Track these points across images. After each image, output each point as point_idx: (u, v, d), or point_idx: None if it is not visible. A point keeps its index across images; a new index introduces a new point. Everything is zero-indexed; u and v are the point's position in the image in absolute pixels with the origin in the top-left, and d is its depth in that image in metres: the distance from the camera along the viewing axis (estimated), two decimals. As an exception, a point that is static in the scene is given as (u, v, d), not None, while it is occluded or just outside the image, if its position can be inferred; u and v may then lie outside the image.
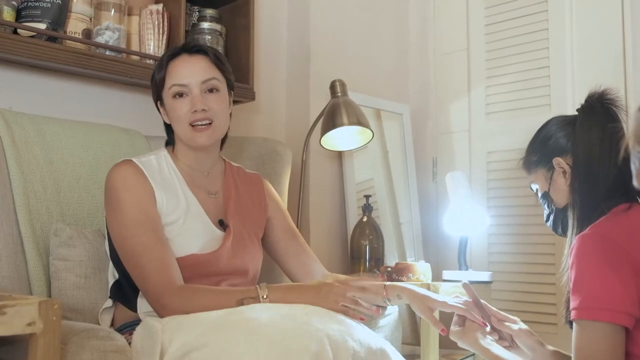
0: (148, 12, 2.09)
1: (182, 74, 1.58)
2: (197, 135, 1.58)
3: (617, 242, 1.30)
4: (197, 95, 1.57)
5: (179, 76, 1.58)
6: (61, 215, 1.69)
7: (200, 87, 1.58)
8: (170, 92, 1.59)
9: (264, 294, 1.42)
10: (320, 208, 2.55)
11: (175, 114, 1.59)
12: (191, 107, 1.57)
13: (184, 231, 1.55)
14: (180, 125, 1.59)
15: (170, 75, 1.59)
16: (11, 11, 1.82)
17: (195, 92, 1.58)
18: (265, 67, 2.57)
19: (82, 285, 1.62)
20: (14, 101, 1.87)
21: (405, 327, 2.54)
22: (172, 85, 1.58)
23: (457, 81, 2.91)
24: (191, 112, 1.57)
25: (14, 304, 1.03)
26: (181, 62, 1.60)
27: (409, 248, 2.76)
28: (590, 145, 1.45)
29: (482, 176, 2.78)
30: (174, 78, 1.58)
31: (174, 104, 1.58)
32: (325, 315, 1.35)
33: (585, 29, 2.54)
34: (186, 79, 1.58)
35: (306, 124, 2.51)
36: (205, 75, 1.59)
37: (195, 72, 1.58)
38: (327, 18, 2.66)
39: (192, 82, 1.57)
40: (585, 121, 1.48)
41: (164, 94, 1.61)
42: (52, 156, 1.72)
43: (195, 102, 1.56)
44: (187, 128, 1.58)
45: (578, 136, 1.48)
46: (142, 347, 1.30)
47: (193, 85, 1.58)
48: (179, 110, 1.58)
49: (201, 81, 1.58)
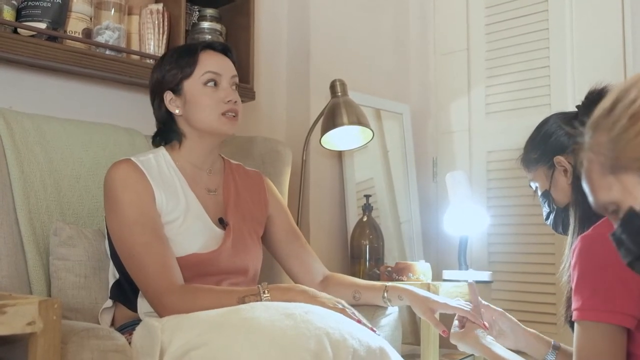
0: (148, 11, 2.09)
1: (215, 65, 1.62)
2: (228, 123, 1.60)
3: None
4: (228, 87, 1.62)
5: (213, 65, 1.61)
6: (61, 214, 1.69)
7: (229, 81, 1.63)
8: (202, 79, 1.60)
9: (265, 292, 1.42)
10: (321, 208, 2.55)
11: (204, 102, 1.59)
12: (224, 97, 1.60)
13: (184, 230, 1.55)
14: (207, 113, 1.59)
15: (202, 63, 1.61)
16: (11, 10, 1.82)
17: (226, 84, 1.62)
18: (265, 67, 2.57)
19: (82, 284, 1.62)
20: (14, 100, 1.87)
21: (406, 326, 2.54)
22: (206, 72, 1.60)
23: (457, 81, 2.91)
24: (224, 102, 1.59)
25: (14, 304, 1.03)
26: (212, 55, 1.64)
27: (409, 248, 2.76)
28: None
29: (482, 176, 2.78)
30: (209, 66, 1.61)
31: (205, 90, 1.60)
32: (324, 314, 1.35)
33: (586, 29, 2.54)
34: (220, 69, 1.62)
35: (306, 124, 2.51)
36: (233, 71, 1.66)
37: (227, 66, 1.64)
38: (327, 17, 2.66)
39: (225, 74, 1.62)
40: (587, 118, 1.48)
41: (187, 83, 1.60)
42: (52, 155, 1.72)
43: (229, 93, 1.61)
44: (217, 116, 1.59)
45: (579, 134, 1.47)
46: (142, 346, 1.30)
47: (225, 77, 1.62)
48: (209, 99, 1.59)
49: (231, 75, 1.64)
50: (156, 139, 1.69)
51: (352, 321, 1.38)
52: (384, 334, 1.66)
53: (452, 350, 2.35)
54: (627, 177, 0.87)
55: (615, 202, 0.90)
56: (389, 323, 1.72)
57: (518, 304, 2.57)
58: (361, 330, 1.35)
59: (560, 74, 2.57)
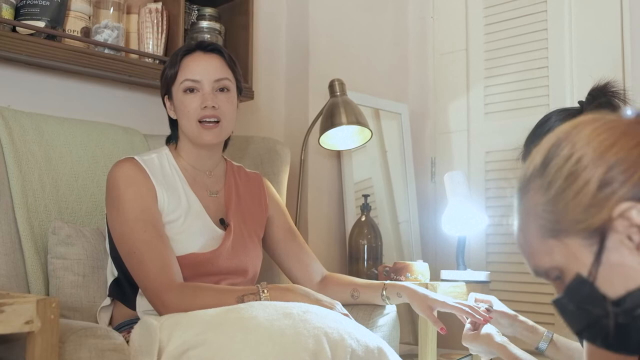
0: (147, 10, 2.09)
1: (195, 70, 1.59)
2: (205, 132, 1.58)
3: None
4: (209, 92, 1.58)
5: (192, 72, 1.59)
6: (59, 213, 1.69)
7: (212, 85, 1.59)
8: (181, 87, 1.59)
9: (264, 291, 1.43)
10: (319, 207, 2.55)
11: (184, 109, 1.58)
12: (201, 103, 1.57)
13: (185, 230, 1.55)
14: (187, 120, 1.59)
15: (183, 70, 1.59)
16: (10, 9, 1.82)
17: (207, 89, 1.58)
18: (264, 66, 2.57)
19: (80, 283, 1.62)
20: (13, 99, 1.87)
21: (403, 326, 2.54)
22: (184, 80, 1.58)
23: (456, 81, 2.91)
24: (201, 108, 1.57)
25: (12, 302, 1.03)
26: (196, 58, 1.61)
27: (407, 248, 2.76)
28: None
29: (481, 176, 2.78)
30: (187, 73, 1.59)
31: (184, 98, 1.58)
32: (323, 313, 1.35)
33: (584, 29, 2.54)
34: (199, 75, 1.58)
35: (305, 123, 2.51)
36: (218, 74, 1.60)
37: (209, 69, 1.59)
38: (326, 17, 2.66)
39: (204, 78, 1.58)
40: None
41: (174, 89, 1.61)
42: (51, 154, 1.72)
43: (206, 99, 1.57)
44: (195, 124, 1.58)
45: None
46: (140, 345, 1.30)
47: (205, 82, 1.58)
48: (188, 105, 1.58)
49: (214, 79, 1.59)
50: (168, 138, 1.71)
51: (351, 321, 1.38)
52: (382, 334, 1.66)
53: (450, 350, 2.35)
54: (570, 241, 0.79)
55: (558, 268, 0.82)
56: (387, 323, 1.72)
57: (516, 304, 2.55)
58: (360, 330, 1.35)
59: (559, 75, 2.58)
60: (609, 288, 0.78)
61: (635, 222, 0.75)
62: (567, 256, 0.80)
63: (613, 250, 0.77)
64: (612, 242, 0.77)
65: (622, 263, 0.77)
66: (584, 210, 0.78)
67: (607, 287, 0.78)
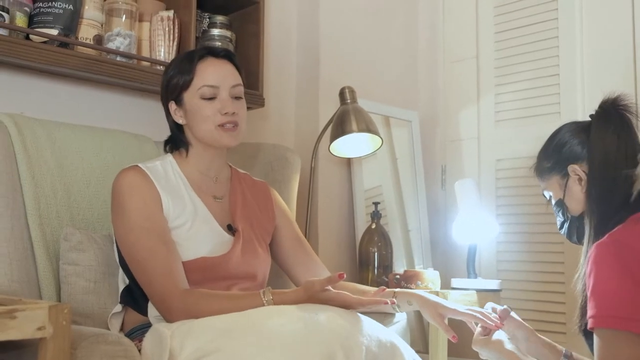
0: (159, 18, 2.10)
1: (213, 76, 1.60)
2: (225, 135, 1.59)
3: (636, 249, 1.29)
4: (227, 98, 1.60)
5: (210, 78, 1.59)
6: (71, 219, 1.70)
7: (229, 92, 1.60)
8: (198, 93, 1.59)
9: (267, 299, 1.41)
10: (329, 215, 2.55)
11: (202, 115, 1.59)
12: (221, 109, 1.58)
13: (192, 234, 1.56)
14: (206, 125, 1.59)
15: (199, 76, 1.60)
16: (23, 17, 1.83)
17: (224, 95, 1.60)
18: (274, 74, 2.57)
19: (91, 289, 1.62)
20: (26, 106, 1.88)
21: (414, 334, 2.53)
22: (202, 86, 1.59)
23: (466, 88, 2.90)
24: (221, 114, 1.58)
25: (24, 309, 1.03)
26: (211, 64, 1.61)
27: (418, 255, 2.76)
28: (606, 151, 1.44)
29: (491, 184, 2.77)
30: (205, 79, 1.59)
31: (202, 104, 1.59)
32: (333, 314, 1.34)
33: (596, 37, 2.53)
34: (217, 81, 1.60)
35: (315, 131, 2.51)
36: (234, 80, 1.62)
37: (226, 75, 1.61)
38: (336, 25, 2.67)
39: (223, 85, 1.60)
40: (601, 127, 1.47)
41: (186, 95, 1.61)
42: (63, 161, 1.73)
43: (226, 105, 1.59)
44: (214, 128, 1.59)
45: (593, 143, 1.46)
46: (152, 353, 1.30)
47: (223, 88, 1.60)
48: (207, 110, 1.58)
49: (230, 85, 1.61)
50: (167, 145, 1.70)
51: (361, 317, 1.37)
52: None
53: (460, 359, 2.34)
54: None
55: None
56: (398, 330, 1.71)
57: (527, 313, 2.55)
58: (371, 325, 1.35)
59: (570, 82, 2.57)
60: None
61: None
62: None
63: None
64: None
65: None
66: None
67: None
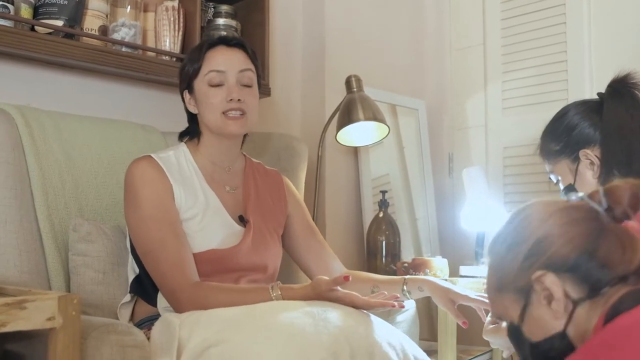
0: (164, 8, 2.10)
1: (219, 61, 1.59)
2: (230, 123, 1.58)
3: None
4: (234, 85, 1.58)
5: (216, 63, 1.59)
6: (79, 210, 1.70)
7: (236, 77, 1.59)
8: (206, 79, 1.59)
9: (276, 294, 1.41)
10: (336, 204, 2.54)
11: (208, 101, 1.58)
12: (227, 96, 1.57)
13: (203, 226, 1.56)
14: (212, 113, 1.58)
15: (207, 63, 1.59)
16: (29, 8, 1.83)
17: (232, 81, 1.58)
18: (280, 63, 2.57)
19: (100, 280, 1.63)
20: (32, 98, 1.89)
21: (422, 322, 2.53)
22: (209, 72, 1.58)
23: (473, 76, 2.89)
24: (226, 101, 1.57)
25: (34, 299, 1.04)
26: (219, 51, 1.61)
27: (425, 244, 2.75)
28: (620, 125, 1.39)
29: (499, 171, 2.76)
30: (212, 65, 1.59)
31: (209, 91, 1.58)
32: (342, 311, 1.34)
33: (604, 22, 2.51)
34: (223, 66, 1.59)
35: (322, 120, 2.51)
36: (242, 65, 1.61)
37: (233, 61, 1.60)
38: (342, 13, 2.66)
39: (229, 69, 1.59)
40: (613, 105, 1.42)
41: (196, 82, 1.61)
42: (70, 152, 1.73)
43: (232, 92, 1.57)
44: (220, 115, 1.58)
45: (606, 119, 1.40)
46: (160, 342, 1.30)
47: (229, 73, 1.59)
48: (213, 97, 1.58)
49: (238, 70, 1.59)
50: (182, 134, 1.70)
51: (371, 318, 1.37)
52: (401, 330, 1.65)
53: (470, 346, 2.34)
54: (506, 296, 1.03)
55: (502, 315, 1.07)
56: (407, 319, 1.71)
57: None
58: (380, 325, 1.35)
59: (578, 68, 2.55)
60: (531, 334, 1.01)
61: (546, 285, 0.97)
62: (505, 307, 1.04)
63: (534, 306, 0.99)
64: (533, 299, 0.99)
65: (540, 316, 0.99)
66: (515, 275, 1.00)
67: (530, 333, 1.01)
